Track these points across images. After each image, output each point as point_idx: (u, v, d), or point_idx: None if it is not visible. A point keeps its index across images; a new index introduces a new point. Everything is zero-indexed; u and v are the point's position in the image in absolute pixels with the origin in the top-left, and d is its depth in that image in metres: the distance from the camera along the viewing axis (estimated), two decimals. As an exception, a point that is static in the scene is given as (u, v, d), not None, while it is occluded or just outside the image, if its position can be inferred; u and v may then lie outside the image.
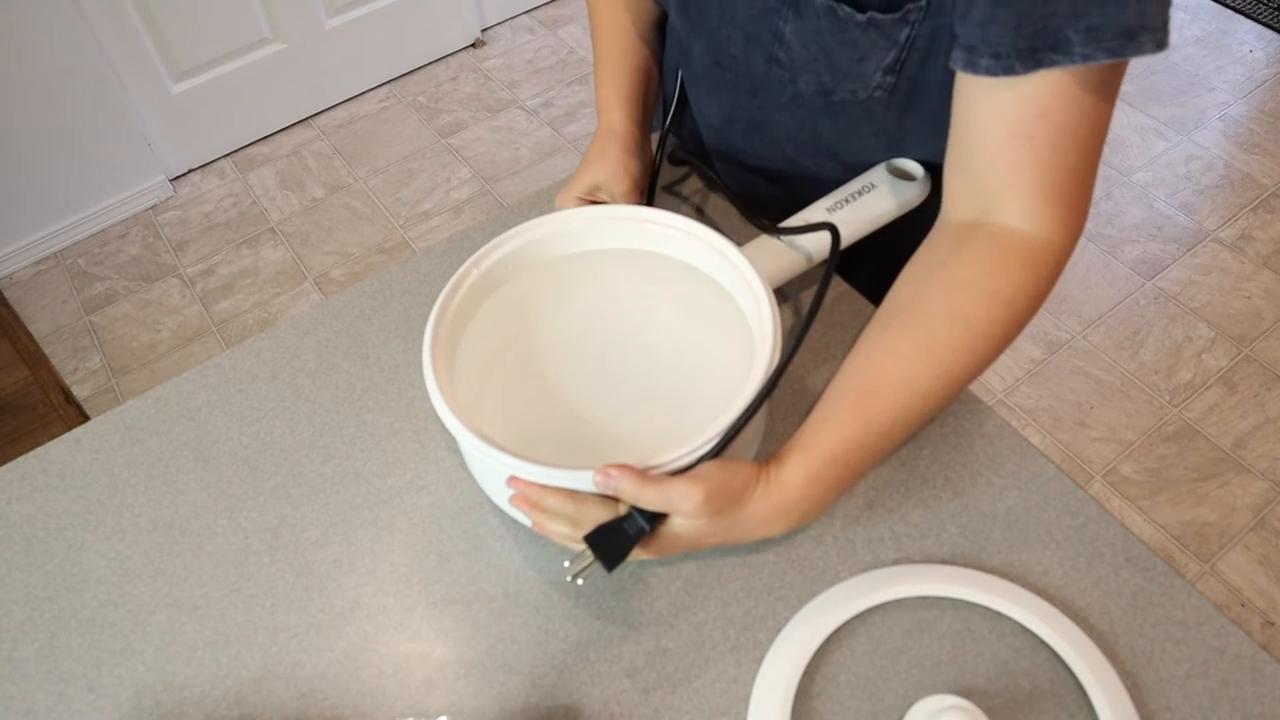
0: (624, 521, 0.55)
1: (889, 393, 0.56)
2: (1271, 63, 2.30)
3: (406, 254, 2.04)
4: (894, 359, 0.57)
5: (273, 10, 2.13)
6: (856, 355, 0.59)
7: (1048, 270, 0.57)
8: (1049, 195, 0.55)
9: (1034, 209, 0.56)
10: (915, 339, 0.57)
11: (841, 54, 0.62)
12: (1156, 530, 1.55)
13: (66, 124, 1.97)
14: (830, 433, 0.56)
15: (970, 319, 0.56)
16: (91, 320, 1.99)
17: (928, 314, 0.57)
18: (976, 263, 0.57)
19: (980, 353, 0.57)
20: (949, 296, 0.57)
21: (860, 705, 0.57)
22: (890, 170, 0.74)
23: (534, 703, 0.59)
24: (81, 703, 0.60)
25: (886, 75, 0.62)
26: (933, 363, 0.56)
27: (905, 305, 0.59)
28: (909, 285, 0.60)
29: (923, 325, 0.57)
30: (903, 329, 0.58)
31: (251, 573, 0.66)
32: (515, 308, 0.70)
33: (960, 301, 0.57)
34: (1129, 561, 0.62)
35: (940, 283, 0.58)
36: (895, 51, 0.60)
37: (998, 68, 0.52)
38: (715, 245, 0.67)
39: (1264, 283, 1.87)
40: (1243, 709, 0.56)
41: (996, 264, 0.56)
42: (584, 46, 2.50)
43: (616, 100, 0.80)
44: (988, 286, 0.56)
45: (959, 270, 0.57)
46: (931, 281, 0.58)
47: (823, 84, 0.65)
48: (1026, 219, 0.56)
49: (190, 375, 0.77)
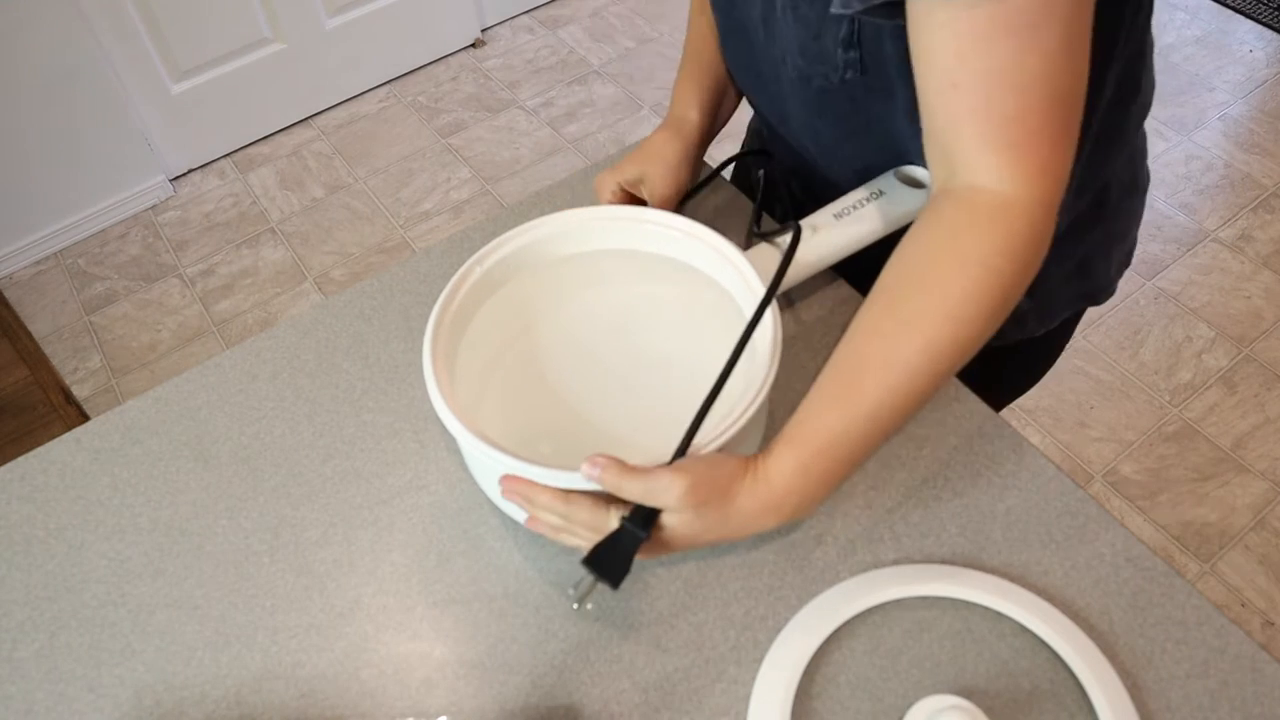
0: (619, 535, 0.54)
1: (872, 374, 0.54)
2: (1271, 63, 2.30)
3: (406, 254, 2.04)
4: (876, 338, 0.55)
5: (273, 10, 2.13)
6: (842, 341, 0.57)
7: (1020, 224, 0.53)
8: (999, 146, 0.53)
9: (989, 161, 0.53)
10: (894, 315, 0.55)
11: (801, 32, 0.61)
12: (1156, 530, 1.55)
13: (66, 124, 1.97)
14: (816, 422, 0.55)
15: (945, 286, 0.54)
16: (91, 320, 1.99)
17: (902, 287, 0.56)
18: (941, 226, 0.55)
19: (964, 320, 0.54)
20: (920, 266, 0.55)
21: (860, 705, 0.57)
22: (899, 178, 0.73)
23: (534, 703, 0.59)
24: (81, 703, 0.61)
25: (848, 51, 0.61)
26: (913, 337, 0.54)
27: (885, 284, 0.57)
28: (890, 265, 0.58)
29: (899, 300, 0.55)
30: (883, 307, 0.56)
31: (251, 573, 0.66)
32: (516, 308, 0.70)
33: (931, 269, 0.55)
34: (1129, 561, 0.62)
35: (912, 254, 0.56)
36: (846, 24, 0.59)
37: (839, 3, 0.52)
38: (715, 246, 0.67)
39: (1264, 283, 1.88)
40: (1243, 709, 0.56)
41: (961, 225, 0.54)
42: (584, 46, 2.50)
43: (694, 97, 0.80)
44: (955, 249, 0.54)
45: (926, 238, 0.56)
46: (904, 255, 0.57)
47: (800, 68, 0.65)
48: (986, 173, 0.53)
49: (190, 375, 0.77)
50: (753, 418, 0.57)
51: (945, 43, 0.51)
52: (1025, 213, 0.53)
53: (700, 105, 0.80)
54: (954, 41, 0.50)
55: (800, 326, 0.76)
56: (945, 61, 0.51)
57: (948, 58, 0.51)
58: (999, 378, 0.83)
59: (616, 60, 2.46)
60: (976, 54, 0.50)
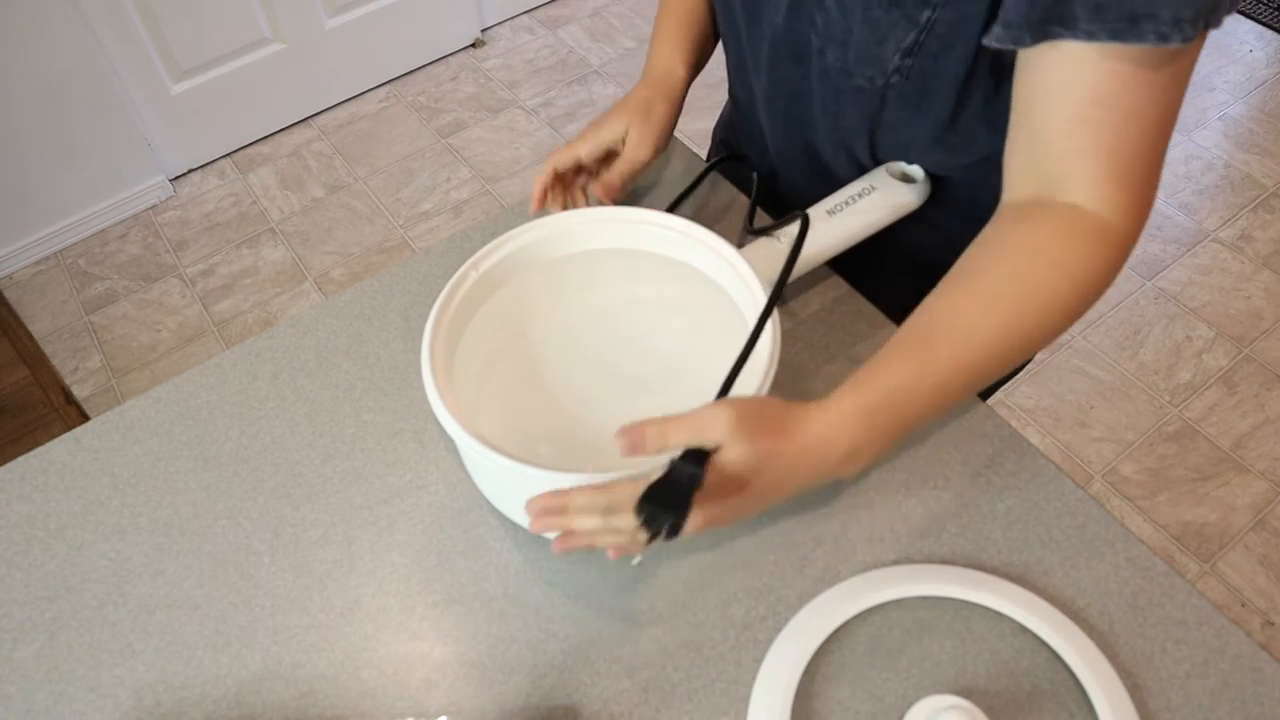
0: (670, 478, 0.50)
1: (947, 347, 0.55)
2: (1271, 63, 2.30)
3: (406, 254, 2.04)
4: (953, 315, 0.56)
5: (273, 10, 2.13)
6: (913, 315, 0.58)
7: (1115, 253, 0.56)
8: (1114, 179, 0.55)
9: (1099, 193, 0.55)
10: (977, 299, 0.56)
11: (864, 33, 0.62)
12: (1156, 530, 1.55)
13: (66, 124, 1.97)
14: (885, 375, 0.55)
15: (1036, 285, 0.55)
16: (91, 320, 1.99)
17: (991, 277, 0.57)
18: (1045, 233, 0.56)
19: (1042, 319, 0.56)
20: (1015, 261, 0.56)
21: (860, 705, 0.57)
22: (891, 173, 0.74)
23: (534, 703, 0.59)
24: (81, 703, 0.61)
25: (905, 58, 0.62)
26: (993, 322, 0.55)
27: (967, 271, 0.58)
28: (971, 257, 0.59)
29: (985, 287, 0.56)
30: (964, 290, 0.57)
31: (251, 573, 0.66)
32: (514, 309, 0.70)
33: (1027, 266, 0.56)
34: (1129, 561, 0.62)
35: (1006, 250, 0.57)
36: (915, 33, 0.60)
37: (1007, 38, 0.53)
38: (713, 246, 0.67)
39: (1264, 283, 1.88)
40: (1243, 709, 0.56)
41: (1065, 237, 0.56)
42: (584, 46, 2.50)
43: (680, 53, 0.79)
44: (1058, 256, 0.56)
45: (1027, 239, 0.57)
46: (995, 249, 0.58)
47: (844, 62, 0.65)
48: (1099, 202, 0.56)
49: (190, 375, 0.77)
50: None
51: (1084, 81, 0.53)
52: (1122, 242, 0.56)
53: (686, 61, 0.79)
54: (1095, 80, 0.52)
55: (796, 323, 0.76)
56: (1079, 96, 0.53)
57: (1083, 94, 0.53)
58: None
59: (616, 60, 2.46)
60: (1115, 96, 0.53)
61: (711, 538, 0.65)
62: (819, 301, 0.78)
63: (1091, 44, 0.51)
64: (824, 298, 0.78)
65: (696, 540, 0.65)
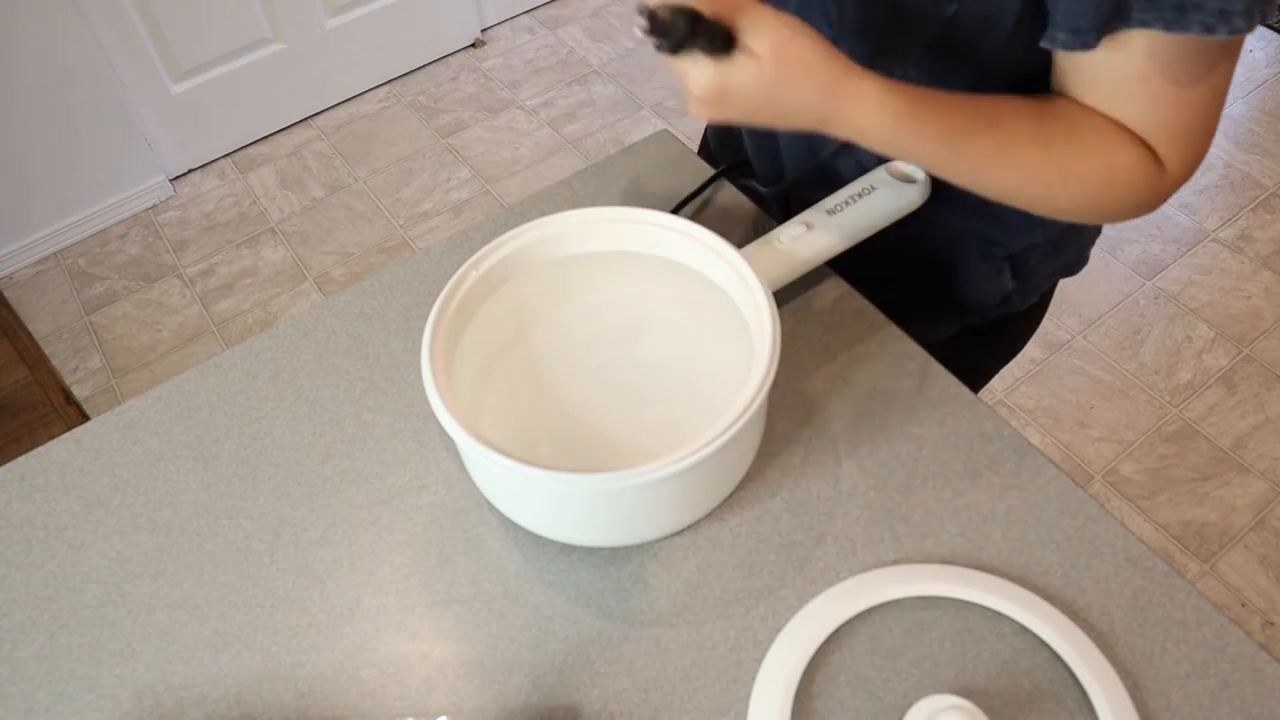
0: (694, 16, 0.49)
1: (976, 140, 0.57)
2: (1271, 63, 2.30)
3: (406, 254, 2.04)
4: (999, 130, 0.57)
5: (273, 10, 2.13)
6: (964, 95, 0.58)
7: (1161, 186, 0.58)
8: (1161, 136, 0.57)
9: (1166, 148, 0.57)
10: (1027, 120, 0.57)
11: (887, 22, 0.61)
12: (1156, 530, 1.55)
13: (66, 124, 1.97)
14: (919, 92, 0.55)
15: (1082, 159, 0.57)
16: (91, 320, 1.99)
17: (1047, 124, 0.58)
18: (1114, 130, 0.57)
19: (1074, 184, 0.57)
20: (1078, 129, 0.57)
21: (860, 705, 0.57)
22: (891, 173, 0.74)
23: (534, 703, 0.59)
24: (81, 703, 0.61)
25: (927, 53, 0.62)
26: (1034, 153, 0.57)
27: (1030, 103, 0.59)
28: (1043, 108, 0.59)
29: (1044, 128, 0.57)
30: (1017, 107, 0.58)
31: (251, 573, 0.66)
32: (514, 309, 0.70)
33: (1086, 140, 0.57)
34: (1129, 561, 0.62)
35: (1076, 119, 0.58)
36: (940, 26, 0.60)
37: (1076, 43, 0.54)
38: (714, 247, 0.67)
39: (1264, 283, 1.88)
40: (1243, 709, 0.56)
41: (1128, 144, 0.57)
42: (584, 46, 2.50)
43: None
44: (1114, 153, 0.57)
45: (1100, 124, 0.57)
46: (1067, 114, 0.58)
47: (860, 57, 0.64)
48: (1159, 146, 0.57)
49: (190, 375, 0.77)
50: (752, 418, 0.57)
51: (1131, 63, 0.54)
52: (1166, 184, 0.58)
53: None
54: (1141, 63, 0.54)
55: (797, 324, 0.76)
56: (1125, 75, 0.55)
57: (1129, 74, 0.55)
58: (986, 348, 0.89)
59: (616, 60, 2.46)
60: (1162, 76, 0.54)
61: (712, 538, 0.65)
62: (819, 301, 0.78)
63: (1142, 31, 0.52)
64: (824, 298, 0.78)
65: (696, 540, 0.65)
